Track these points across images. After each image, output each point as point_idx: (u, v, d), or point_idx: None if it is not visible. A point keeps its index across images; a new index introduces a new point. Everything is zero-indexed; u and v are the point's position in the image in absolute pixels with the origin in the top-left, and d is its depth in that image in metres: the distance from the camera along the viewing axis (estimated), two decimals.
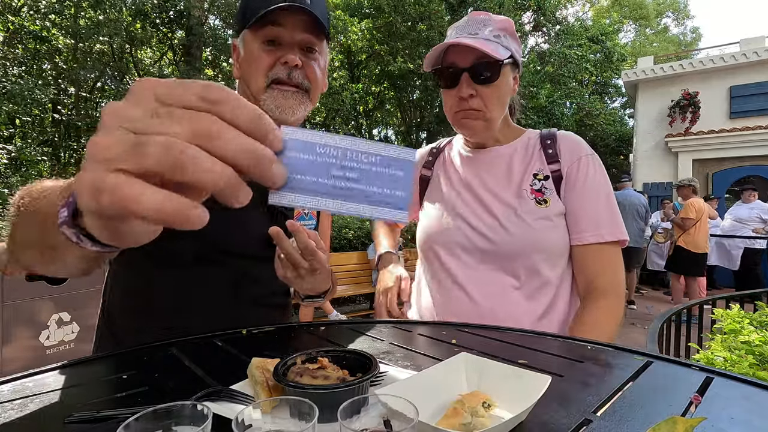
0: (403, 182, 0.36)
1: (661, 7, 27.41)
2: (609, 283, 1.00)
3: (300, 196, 0.34)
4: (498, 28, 1.03)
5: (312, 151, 0.35)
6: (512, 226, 1.02)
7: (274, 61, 0.89)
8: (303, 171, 0.34)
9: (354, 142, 0.36)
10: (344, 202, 0.35)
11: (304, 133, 0.35)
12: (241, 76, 0.95)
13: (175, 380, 0.62)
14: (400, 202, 0.36)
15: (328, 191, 0.35)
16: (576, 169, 1.05)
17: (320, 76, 0.95)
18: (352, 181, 0.35)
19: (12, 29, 7.65)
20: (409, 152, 0.37)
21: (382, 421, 0.41)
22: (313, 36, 0.91)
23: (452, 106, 1.07)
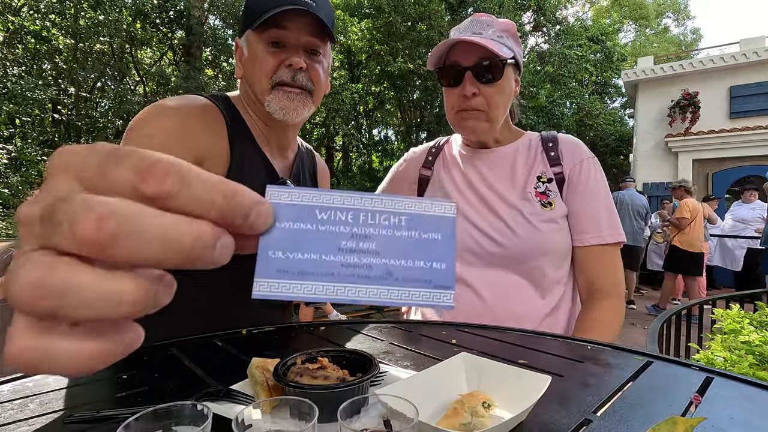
0: (444, 249, 0.27)
1: (661, 7, 27.42)
2: (610, 284, 1.03)
3: (296, 284, 0.26)
4: (500, 30, 1.04)
5: (311, 217, 0.27)
6: (519, 228, 1.02)
7: (279, 63, 0.89)
8: (299, 247, 0.26)
9: (369, 199, 0.28)
10: (361, 286, 0.26)
11: (299, 194, 0.27)
12: (245, 76, 0.95)
13: (175, 380, 0.62)
14: (443, 278, 0.27)
15: (336, 273, 0.26)
16: (578, 171, 1.07)
17: (323, 78, 0.96)
18: (370, 255, 0.27)
19: (12, 29, 7.65)
20: (448, 206, 0.28)
21: (382, 421, 0.41)
22: (317, 39, 0.91)
23: (454, 105, 1.06)
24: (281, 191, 0.27)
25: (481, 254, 1.05)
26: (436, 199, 0.28)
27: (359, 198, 0.28)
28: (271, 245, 0.26)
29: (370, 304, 0.26)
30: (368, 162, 16.48)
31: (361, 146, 13.89)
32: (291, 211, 0.26)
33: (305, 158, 1.14)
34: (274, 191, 0.26)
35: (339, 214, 0.27)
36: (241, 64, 0.97)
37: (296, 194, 0.27)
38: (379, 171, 15.56)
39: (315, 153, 1.21)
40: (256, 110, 0.96)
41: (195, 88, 8.86)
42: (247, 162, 0.94)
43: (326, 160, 14.56)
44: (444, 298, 0.27)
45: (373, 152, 16.05)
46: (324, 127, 12.54)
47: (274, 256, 0.25)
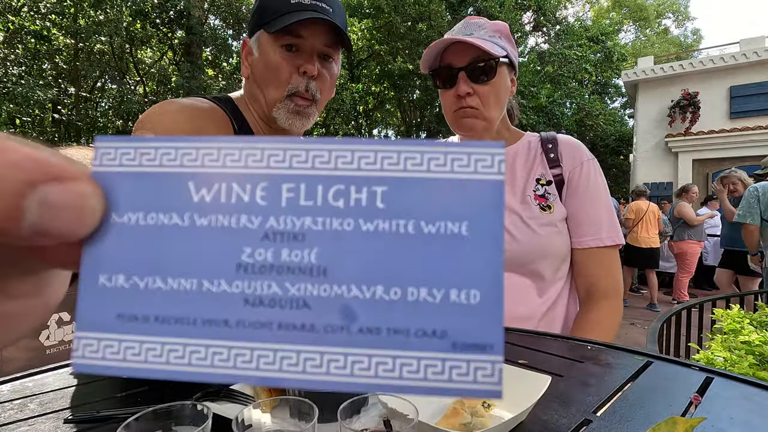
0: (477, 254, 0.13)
1: (661, 8, 27.42)
2: (609, 286, 1.03)
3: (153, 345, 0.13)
4: (492, 30, 1.04)
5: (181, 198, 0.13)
6: (519, 233, 1.02)
7: (293, 69, 0.88)
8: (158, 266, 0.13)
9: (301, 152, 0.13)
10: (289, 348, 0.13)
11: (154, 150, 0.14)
12: (254, 78, 0.93)
13: (175, 380, 0.62)
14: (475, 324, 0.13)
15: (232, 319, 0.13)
16: (578, 174, 1.07)
17: (330, 85, 0.96)
18: (307, 276, 0.13)
19: (12, 29, 7.65)
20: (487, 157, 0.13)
21: (382, 421, 0.41)
22: (332, 46, 0.91)
23: (450, 106, 1.06)
24: (120, 147, 0.14)
25: None
26: (462, 143, 0.13)
27: (280, 149, 0.13)
28: (102, 264, 0.13)
29: (311, 387, 0.13)
30: None
31: None
32: (140, 190, 0.13)
33: None
34: (105, 148, 0.14)
35: (238, 189, 0.13)
36: (248, 63, 0.94)
37: (150, 152, 0.14)
38: None
39: None
40: (260, 112, 0.95)
41: (197, 88, 8.86)
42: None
43: None
44: (479, 373, 0.12)
45: None
46: (324, 127, 12.53)
47: (111, 286, 0.13)
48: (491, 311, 0.12)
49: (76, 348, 0.13)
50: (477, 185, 0.13)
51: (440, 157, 0.13)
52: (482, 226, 0.13)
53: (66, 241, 0.12)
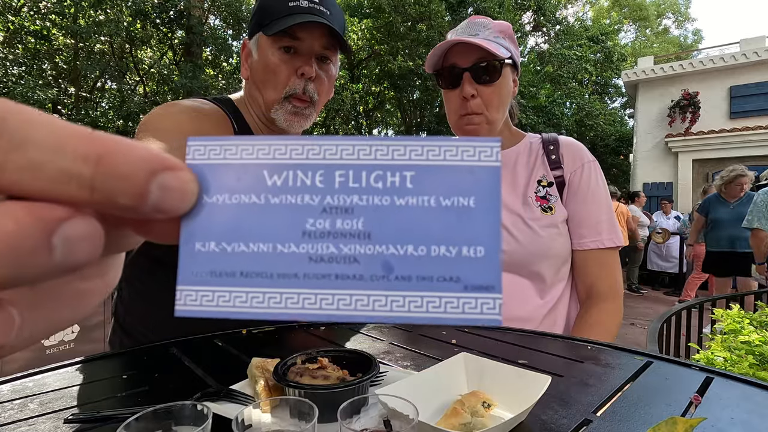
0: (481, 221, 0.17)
1: (661, 8, 27.42)
2: (609, 287, 1.04)
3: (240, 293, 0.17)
4: (497, 31, 1.04)
5: (257, 184, 0.17)
6: (520, 235, 1.02)
7: (291, 71, 0.89)
8: (241, 234, 0.17)
9: (350, 147, 0.18)
10: (342, 293, 0.17)
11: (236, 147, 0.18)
12: (253, 80, 0.94)
13: (175, 380, 0.62)
14: (480, 273, 0.17)
15: (301, 273, 0.17)
16: (579, 175, 1.07)
17: (328, 87, 0.97)
18: (356, 240, 0.17)
19: (12, 29, 7.65)
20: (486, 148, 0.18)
21: (382, 421, 0.41)
22: (330, 48, 0.92)
23: (455, 110, 1.06)
24: (206, 144, 0.18)
25: None
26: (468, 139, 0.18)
27: (333, 145, 0.18)
28: (197, 233, 0.17)
29: (362, 320, 0.16)
30: None
31: None
32: (226, 177, 0.17)
33: None
34: (196, 146, 0.18)
35: (302, 176, 0.17)
36: (247, 65, 0.95)
37: (229, 147, 0.18)
38: None
39: None
40: (259, 112, 0.96)
41: (197, 88, 8.86)
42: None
43: None
44: (484, 306, 0.16)
45: None
46: (324, 127, 12.53)
47: (205, 250, 0.17)
48: (492, 262, 0.17)
49: (179, 298, 0.17)
50: (480, 170, 0.17)
51: (453, 149, 0.18)
52: (485, 200, 0.17)
53: (172, 216, 0.16)
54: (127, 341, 0.98)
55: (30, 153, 0.13)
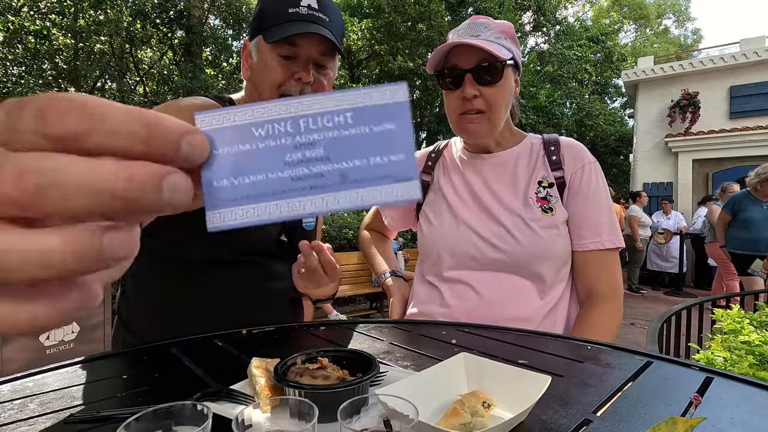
0: (400, 138, 0.25)
1: (661, 8, 27.41)
2: (609, 288, 1.04)
3: (249, 209, 0.24)
4: (499, 31, 1.04)
5: (248, 136, 0.25)
6: (521, 235, 1.02)
7: (288, 76, 0.92)
8: (243, 171, 0.24)
9: (306, 103, 0.25)
10: (316, 197, 0.24)
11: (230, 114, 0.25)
12: (252, 81, 0.98)
13: (175, 380, 0.62)
14: (403, 169, 0.24)
15: (287, 189, 0.24)
16: (580, 176, 1.07)
17: (327, 90, 0.99)
18: (320, 162, 0.25)
19: (12, 29, 7.65)
20: (396, 88, 0.25)
21: (382, 421, 0.41)
22: (327, 55, 0.94)
23: (456, 108, 1.06)
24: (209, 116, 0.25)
25: (482, 260, 1.05)
26: (382, 86, 0.25)
27: (295, 104, 0.25)
28: (214, 175, 0.24)
29: (332, 212, 0.25)
30: None
31: None
32: (226, 135, 0.25)
33: None
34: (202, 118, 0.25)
35: (277, 126, 0.25)
36: (248, 66, 0.98)
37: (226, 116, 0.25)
38: None
39: None
40: None
41: (197, 87, 8.86)
42: None
43: None
44: (408, 190, 0.24)
45: None
46: None
47: (220, 185, 0.24)
48: (410, 162, 0.24)
49: (209, 219, 0.24)
50: (395, 105, 0.25)
51: (377, 93, 0.25)
52: (401, 124, 0.25)
53: (196, 164, 0.23)
54: (130, 338, 0.99)
55: (108, 123, 0.19)
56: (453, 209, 1.12)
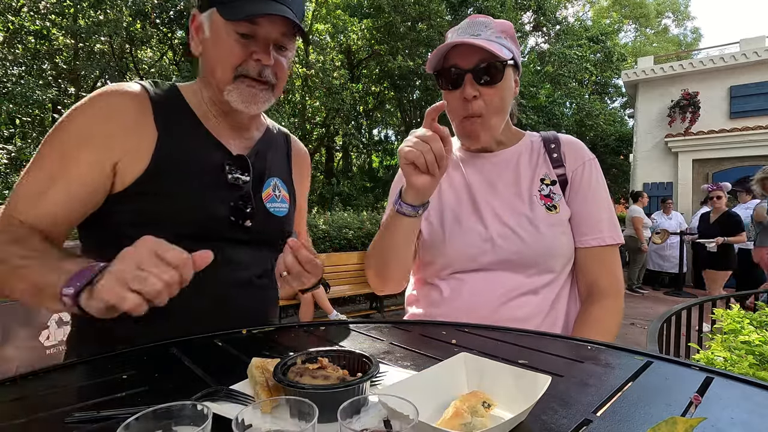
0: None
1: (661, 7, 27.40)
2: (610, 284, 1.04)
3: None
4: (499, 31, 1.03)
5: None
6: (526, 235, 1.02)
7: (246, 56, 0.87)
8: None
9: None
10: None
11: None
12: (205, 59, 0.92)
13: (175, 380, 0.62)
14: None
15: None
16: (581, 173, 1.08)
17: (287, 71, 0.96)
18: None
19: (12, 29, 7.65)
20: None
21: (382, 421, 0.41)
22: (288, 36, 0.90)
23: (457, 110, 1.05)
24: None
25: (486, 260, 1.03)
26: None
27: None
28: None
29: None
30: (368, 162, 16.48)
31: (361, 146, 13.87)
32: None
33: (276, 140, 1.11)
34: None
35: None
36: (198, 40, 0.92)
37: None
38: (379, 171, 15.56)
39: (291, 136, 1.19)
40: (212, 94, 0.94)
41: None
42: (187, 142, 0.91)
43: (326, 160, 14.55)
44: None
45: (373, 152, 16.05)
46: (324, 127, 12.52)
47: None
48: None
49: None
50: None
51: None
52: None
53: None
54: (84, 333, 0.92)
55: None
56: (454, 210, 1.10)
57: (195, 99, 0.95)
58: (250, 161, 0.97)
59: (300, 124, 12.36)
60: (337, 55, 12.43)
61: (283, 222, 1.05)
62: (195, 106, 0.95)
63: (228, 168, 0.93)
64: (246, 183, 0.95)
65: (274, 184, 1.04)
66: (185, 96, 0.95)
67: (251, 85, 0.89)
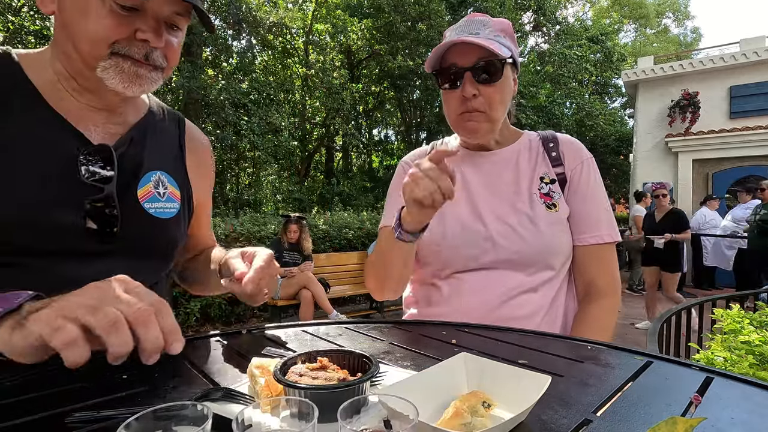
0: None
1: (661, 7, 27.41)
2: (607, 283, 1.06)
3: None
4: (497, 29, 1.03)
5: None
6: (527, 233, 1.02)
7: (128, 33, 0.69)
8: None
9: None
10: None
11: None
12: (63, 24, 0.70)
13: (175, 380, 0.62)
14: None
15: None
16: (579, 172, 1.09)
17: (179, 53, 0.80)
18: None
19: (12, 29, 7.65)
20: None
21: (382, 421, 0.41)
22: (183, 15, 0.75)
23: (455, 108, 1.05)
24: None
25: (486, 259, 1.04)
26: None
27: None
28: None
29: None
30: (368, 162, 16.49)
31: (361, 146, 13.89)
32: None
33: (161, 124, 0.91)
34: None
35: None
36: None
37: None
38: (379, 171, 15.57)
39: (186, 121, 0.99)
40: (70, 67, 0.74)
41: (197, 87, 8.85)
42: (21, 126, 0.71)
43: (326, 160, 14.56)
44: None
45: (373, 152, 16.06)
46: (324, 127, 12.53)
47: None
48: None
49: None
50: None
51: None
52: None
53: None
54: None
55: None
56: (454, 209, 1.09)
57: (41, 72, 0.75)
58: (115, 152, 0.77)
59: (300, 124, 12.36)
60: (337, 55, 12.43)
61: (169, 225, 0.86)
62: (40, 81, 0.74)
63: (83, 160, 0.73)
64: (108, 179, 0.75)
65: (157, 179, 0.85)
66: (25, 68, 0.74)
67: (135, 67, 0.72)
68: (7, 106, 0.71)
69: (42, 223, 0.70)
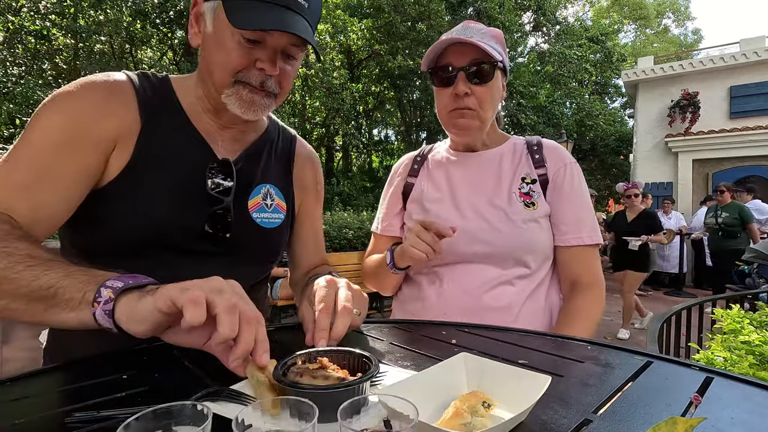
0: None
1: (661, 7, 27.42)
2: (590, 282, 1.11)
3: None
4: (490, 36, 1.09)
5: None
6: (504, 227, 1.07)
7: (249, 63, 0.80)
8: None
9: None
10: None
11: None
12: (204, 56, 0.84)
13: (175, 380, 0.62)
14: None
15: None
16: (562, 174, 1.13)
17: (292, 80, 0.89)
18: None
19: (12, 29, 7.66)
20: None
21: (382, 421, 0.41)
22: (298, 46, 0.83)
23: (447, 105, 1.10)
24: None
25: (466, 254, 1.09)
26: None
27: None
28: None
29: None
30: (368, 162, 16.50)
31: (361, 146, 13.89)
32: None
33: (276, 142, 1.02)
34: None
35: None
36: (199, 32, 0.84)
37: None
38: (379, 171, 15.57)
39: (298, 138, 1.09)
40: (207, 93, 0.87)
41: None
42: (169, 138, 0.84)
43: (326, 160, 14.56)
44: None
45: (373, 152, 16.07)
46: (324, 127, 12.53)
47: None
48: None
49: None
50: None
51: None
52: None
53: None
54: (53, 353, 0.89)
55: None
56: (436, 206, 1.16)
57: (187, 94, 0.89)
58: (234, 166, 0.88)
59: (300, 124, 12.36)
60: (337, 55, 12.43)
61: (273, 234, 0.96)
62: (186, 101, 0.88)
63: (209, 174, 0.86)
64: (228, 190, 0.87)
65: (266, 192, 0.95)
66: (176, 90, 0.88)
67: (253, 93, 0.82)
68: (160, 123, 0.84)
69: (173, 224, 0.82)
